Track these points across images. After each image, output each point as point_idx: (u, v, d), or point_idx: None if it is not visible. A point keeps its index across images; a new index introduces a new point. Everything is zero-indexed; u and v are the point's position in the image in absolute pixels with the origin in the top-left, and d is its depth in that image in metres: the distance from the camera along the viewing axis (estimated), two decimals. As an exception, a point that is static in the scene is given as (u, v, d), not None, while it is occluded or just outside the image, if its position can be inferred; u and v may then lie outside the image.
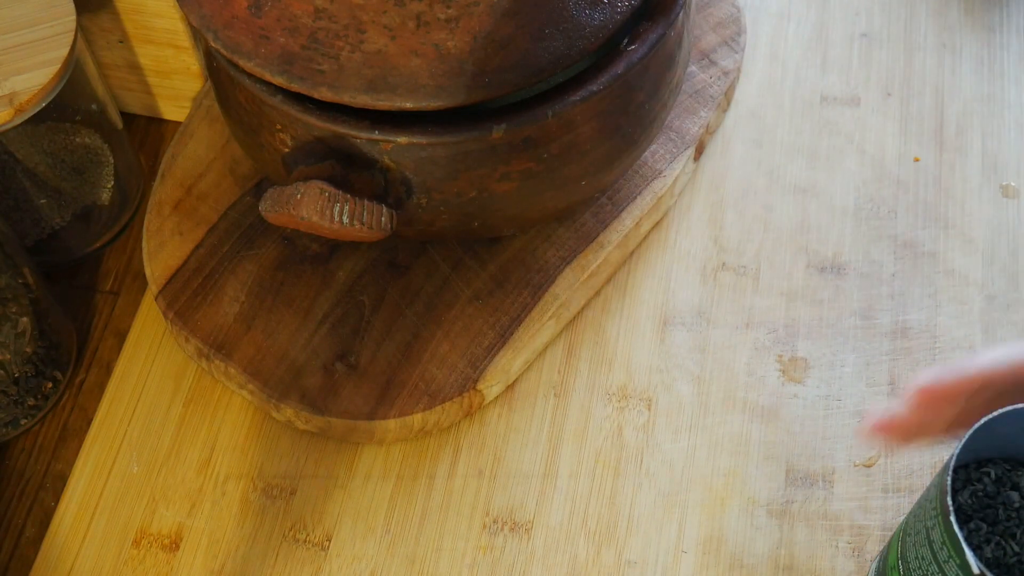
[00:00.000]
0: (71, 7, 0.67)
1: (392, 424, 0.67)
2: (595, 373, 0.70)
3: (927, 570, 0.53)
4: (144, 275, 0.72)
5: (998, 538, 0.55)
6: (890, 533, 0.64)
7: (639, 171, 0.74)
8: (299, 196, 0.57)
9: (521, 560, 0.65)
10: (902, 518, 0.60)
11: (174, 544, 0.66)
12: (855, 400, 0.69)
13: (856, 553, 0.64)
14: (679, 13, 0.62)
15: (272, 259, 0.71)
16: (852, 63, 0.81)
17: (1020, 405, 0.51)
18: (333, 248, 0.72)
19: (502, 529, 0.66)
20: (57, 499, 0.67)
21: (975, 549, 0.54)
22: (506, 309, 0.70)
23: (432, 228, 0.64)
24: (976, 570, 0.49)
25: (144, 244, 0.72)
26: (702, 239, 0.74)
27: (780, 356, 0.70)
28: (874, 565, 0.61)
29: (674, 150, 0.74)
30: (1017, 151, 0.77)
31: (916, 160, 0.77)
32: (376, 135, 0.58)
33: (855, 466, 0.67)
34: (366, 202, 0.58)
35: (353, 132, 0.59)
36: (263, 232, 0.72)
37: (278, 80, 0.57)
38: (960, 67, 0.80)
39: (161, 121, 0.81)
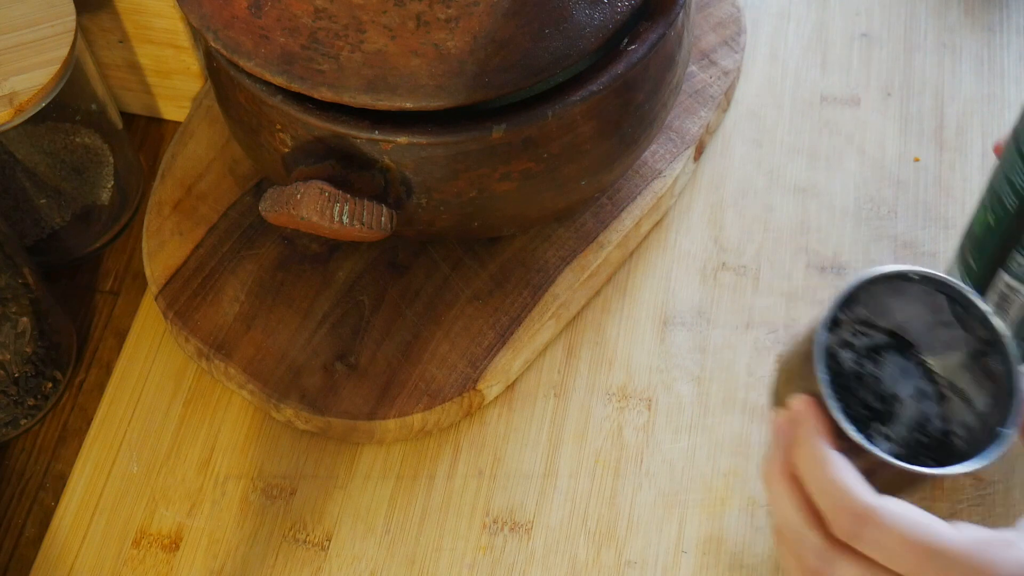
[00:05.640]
0: (71, 7, 0.67)
1: (392, 424, 0.67)
2: (595, 373, 0.70)
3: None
4: (144, 275, 0.72)
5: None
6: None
7: (639, 171, 0.74)
8: (299, 196, 0.57)
9: (521, 560, 0.65)
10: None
11: (174, 544, 0.66)
12: (855, 400, 0.69)
13: (856, 553, 0.64)
14: (679, 13, 0.62)
15: (272, 259, 0.71)
16: (852, 63, 0.81)
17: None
18: (333, 248, 0.72)
19: (502, 529, 0.66)
20: (57, 499, 0.67)
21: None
22: (506, 309, 0.70)
23: (432, 228, 0.64)
24: None
25: (144, 244, 0.72)
26: (702, 239, 0.74)
27: (780, 356, 0.70)
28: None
29: (674, 150, 0.74)
30: (1017, 151, 0.77)
31: (916, 160, 0.77)
32: (376, 135, 0.58)
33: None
34: (366, 202, 0.58)
35: (353, 132, 0.59)
36: (263, 232, 0.72)
37: (278, 80, 0.57)
38: (960, 67, 0.80)
39: (161, 121, 0.81)
